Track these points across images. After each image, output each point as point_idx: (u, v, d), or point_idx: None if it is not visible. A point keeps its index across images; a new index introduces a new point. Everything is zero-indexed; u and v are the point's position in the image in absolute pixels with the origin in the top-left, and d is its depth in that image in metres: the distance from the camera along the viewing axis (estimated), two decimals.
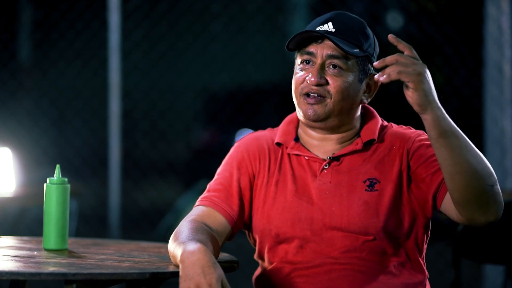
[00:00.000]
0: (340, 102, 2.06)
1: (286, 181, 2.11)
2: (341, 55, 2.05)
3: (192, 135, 7.55)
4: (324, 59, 2.06)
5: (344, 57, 2.05)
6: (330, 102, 2.05)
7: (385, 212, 2.03)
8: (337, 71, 2.05)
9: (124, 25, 5.00)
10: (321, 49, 2.06)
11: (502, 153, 4.32)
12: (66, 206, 2.17)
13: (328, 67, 2.06)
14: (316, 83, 2.04)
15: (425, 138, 2.07)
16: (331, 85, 2.05)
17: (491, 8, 4.38)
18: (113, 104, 4.89)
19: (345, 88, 2.05)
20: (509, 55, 4.37)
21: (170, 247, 1.96)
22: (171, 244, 1.95)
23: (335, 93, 2.05)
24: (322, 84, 2.05)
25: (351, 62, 2.06)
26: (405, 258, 2.07)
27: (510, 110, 4.37)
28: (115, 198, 4.86)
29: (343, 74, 2.05)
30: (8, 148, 3.81)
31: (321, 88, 2.05)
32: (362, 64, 2.08)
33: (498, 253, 2.70)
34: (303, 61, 2.09)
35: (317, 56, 2.06)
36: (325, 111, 2.06)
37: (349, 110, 2.09)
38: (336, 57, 2.05)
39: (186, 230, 1.98)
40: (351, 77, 2.06)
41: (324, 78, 2.05)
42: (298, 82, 2.09)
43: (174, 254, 1.91)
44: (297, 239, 2.06)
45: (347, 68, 2.06)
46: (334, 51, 2.05)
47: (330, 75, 2.05)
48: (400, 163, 2.06)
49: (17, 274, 1.80)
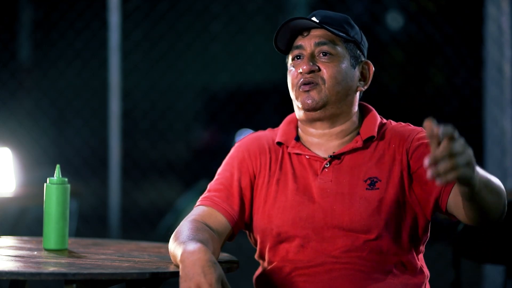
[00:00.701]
0: (335, 87, 2.08)
1: (287, 180, 2.11)
2: (329, 41, 2.09)
3: (192, 135, 7.55)
4: (313, 48, 2.09)
5: (331, 42, 2.09)
6: (324, 88, 2.08)
7: (386, 211, 2.03)
8: (327, 57, 2.09)
9: (124, 25, 5.01)
10: (308, 40, 2.10)
11: (502, 153, 4.32)
12: (66, 206, 2.17)
13: (318, 55, 2.09)
14: (309, 70, 2.07)
15: (424, 135, 2.07)
16: (323, 71, 2.08)
17: (491, 8, 4.38)
18: (113, 104, 4.89)
19: (338, 72, 2.08)
20: (509, 55, 4.37)
21: (171, 247, 1.96)
22: (172, 244, 1.95)
23: (328, 78, 2.07)
24: (314, 71, 2.08)
25: (340, 48, 2.10)
26: (405, 258, 2.07)
27: (510, 110, 4.36)
28: (115, 198, 4.86)
29: (334, 60, 2.09)
30: (8, 148, 3.81)
31: (314, 75, 2.08)
32: (352, 50, 2.12)
33: (498, 253, 2.70)
34: (294, 58, 2.12)
35: (306, 47, 2.10)
36: (321, 97, 2.08)
37: (345, 96, 2.10)
38: (324, 43, 2.09)
39: (187, 230, 1.98)
40: (342, 62, 2.09)
41: (316, 65, 2.09)
42: (293, 77, 2.12)
43: (174, 253, 1.91)
44: (298, 238, 2.06)
45: (336, 53, 2.09)
46: (321, 38, 2.09)
47: (321, 62, 2.09)
48: (400, 162, 2.06)
49: (17, 274, 1.80)
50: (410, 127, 2.13)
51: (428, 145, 2.04)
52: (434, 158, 1.59)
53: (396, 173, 2.06)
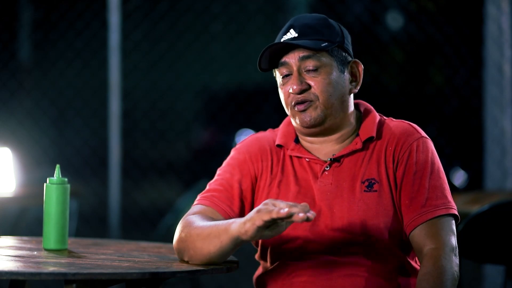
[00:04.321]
0: (329, 100, 2.06)
1: (288, 183, 2.11)
2: (312, 53, 2.06)
3: (192, 135, 7.54)
4: (299, 64, 2.07)
5: (315, 54, 2.06)
6: (319, 103, 2.06)
7: (384, 214, 2.03)
8: (315, 72, 2.06)
9: (124, 25, 5.00)
10: (292, 56, 2.07)
11: (502, 153, 4.32)
12: (66, 206, 2.17)
13: (306, 71, 2.07)
14: (299, 90, 2.06)
15: (416, 144, 2.07)
16: (314, 86, 2.06)
17: (491, 8, 4.38)
18: (113, 104, 4.89)
19: (329, 84, 2.06)
20: (509, 55, 4.37)
21: (188, 232, 1.96)
22: (186, 230, 1.97)
23: (320, 93, 2.06)
24: (305, 89, 2.06)
25: (325, 58, 2.07)
26: (405, 259, 2.07)
27: (510, 110, 4.37)
28: (115, 198, 4.86)
29: (321, 72, 2.06)
30: (8, 148, 3.81)
31: (306, 94, 2.06)
32: (337, 55, 2.09)
33: (498, 253, 2.70)
34: (282, 76, 2.10)
35: (291, 64, 2.08)
36: (318, 113, 2.06)
37: (340, 104, 2.09)
38: (308, 56, 2.06)
39: (199, 219, 1.99)
40: (331, 73, 2.07)
41: (305, 83, 2.06)
42: (285, 97, 2.10)
43: (218, 230, 1.91)
44: (299, 240, 2.06)
45: (323, 64, 2.06)
46: (305, 52, 2.06)
47: (309, 77, 2.06)
48: (393, 166, 2.07)
49: (17, 274, 1.80)
50: (407, 131, 2.10)
51: (418, 154, 2.04)
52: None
53: (391, 176, 2.06)
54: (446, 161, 5.27)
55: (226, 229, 1.88)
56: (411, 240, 2.02)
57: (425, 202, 2.01)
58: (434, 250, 1.96)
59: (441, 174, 2.06)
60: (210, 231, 1.91)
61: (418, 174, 2.03)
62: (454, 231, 2.01)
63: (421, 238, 1.99)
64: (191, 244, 1.95)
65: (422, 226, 2.00)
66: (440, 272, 1.92)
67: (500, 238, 2.65)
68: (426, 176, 2.03)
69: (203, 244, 1.93)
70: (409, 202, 2.02)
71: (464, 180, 6.22)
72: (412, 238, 2.02)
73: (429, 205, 2.01)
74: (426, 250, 1.97)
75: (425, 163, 2.05)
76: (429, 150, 2.08)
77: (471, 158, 5.40)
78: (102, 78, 5.10)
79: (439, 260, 1.94)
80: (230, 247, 1.90)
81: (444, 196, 2.03)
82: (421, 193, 2.02)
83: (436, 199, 2.02)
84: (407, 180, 2.04)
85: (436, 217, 2.00)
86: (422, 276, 1.94)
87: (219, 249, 1.90)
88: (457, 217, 2.04)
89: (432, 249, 1.96)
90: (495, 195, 3.64)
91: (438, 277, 1.92)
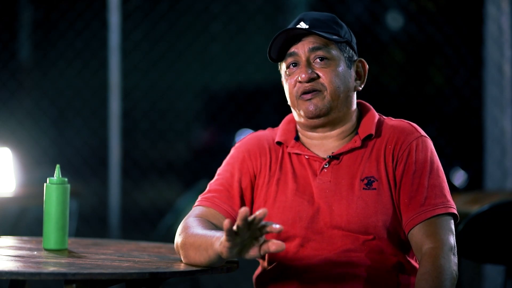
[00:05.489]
0: (336, 92, 2.07)
1: (287, 180, 2.12)
2: (322, 45, 2.07)
3: (192, 135, 7.54)
4: (308, 54, 2.07)
5: (325, 46, 2.07)
6: (327, 94, 2.07)
7: (383, 212, 2.04)
8: (324, 62, 2.07)
9: (124, 25, 5.01)
10: (301, 46, 2.08)
11: (502, 153, 4.32)
12: (66, 206, 2.17)
13: (314, 61, 2.07)
14: (308, 78, 2.06)
15: (415, 143, 2.07)
16: (323, 77, 2.07)
17: (491, 8, 4.38)
18: (113, 104, 4.89)
19: (337, 76, 2.07)
20: (509, 55, 4.37)
21: (185, 237, 1.97)
22: (183, 235, 1.98)
23: (328, 83, 2.06)
24: (314, 78, 2.06)
25: (334, 51, 2.08)
26: (404, 258, 2.07)
27: (510, 110, 4.37)
28: (115, 198, 4.86)
29: (330, 64, 2.07)
30: (8, 148, 3.81)
31: (314, 83, 2.07)
32: (345, 50, 2.10)
33: (498, 253, 2.70)
34: (288, 66, 2.10)
35: (300, 54, 2.08)
36: (324, 103, 2.07)
37: (346, 98, 2.10)
38: (318, 48, 2.07)
39: (196, 224, 2.00)
40: (339, 65, 2.08)
41: (314, 72, 2.07)
42: (291, 87, 2.10)
43: (202, 243, 1.91)
44: (298, 238, 2.07)
45: (332, 57, 2.07)
46: (315, 43, 2.07)
47: (318, 68, 2.07)
48: (392, 164, 2.07)
49: (17, 274, 1.80)
50: (406, 130, 2.11)
51: (418, 154, 2.04)
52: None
53: (391, 174, 2.06)
54: (446, 161, 5.27)
55: (212, 244, 1.88)
56: (410, 239, 2.02)
57: (424, 201, 2.01)
58: (433, 249, 1.96)
59: (440, 173, 2.06)
60: (200, 243, 1.92)
61: (417, 173, 2.04)
62: (453, 230, 2.01)
63: (420, 237, 1.99)
64: (185, 251, 1.97)
65: (421, 225, 2.00)
66: (439, 271, 1.92)
67: (500, 238, 2.65)
68: (425, 175, 2.04)
69: (195, 255, 1.94)
70: (408, 201, 2.02)
71: (464, 180, 6.22)
72: (411, 237, 2.02)
73: (428, 204, 2.01)
74: (425, 249, 1.97)
75: (424, 162, 2.05)
76: (429, 149, 2.08)
77: (471, 158, 5.40)
78: (102, 78, 5.10)
79: (438, 260, 1.94)
80: (218, 261, 1.90)
81: (443, 195, 2.03)
82: (420, 192, 2.02)
83: (435, 198, 2.02)
84: (406, 179, 2.04)
85: (435, 216, 2.00)
86: (421, 275, 1.94)
87: (208, 261, 1.91)
88: (456, 216, 2.04)
89: (431, 248, 1.96)
90: (495, 195, 3.64)
91: (437, 277, 1.92)
